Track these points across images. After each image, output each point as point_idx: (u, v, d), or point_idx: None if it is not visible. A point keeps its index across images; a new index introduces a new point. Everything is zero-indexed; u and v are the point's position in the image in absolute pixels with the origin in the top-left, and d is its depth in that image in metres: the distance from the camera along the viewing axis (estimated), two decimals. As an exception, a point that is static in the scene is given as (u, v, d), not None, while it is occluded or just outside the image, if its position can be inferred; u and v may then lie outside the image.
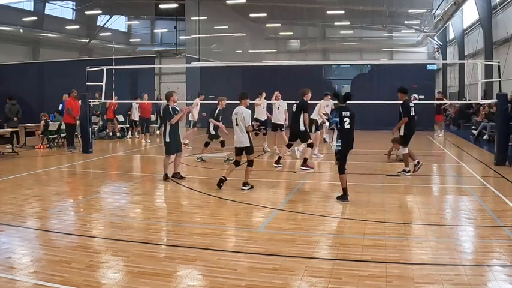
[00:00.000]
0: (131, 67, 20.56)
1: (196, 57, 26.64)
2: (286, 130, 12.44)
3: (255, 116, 12.88)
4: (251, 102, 9.42)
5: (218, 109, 11.58)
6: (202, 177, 9.98)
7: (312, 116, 12.16)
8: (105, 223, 6.32)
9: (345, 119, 7.32)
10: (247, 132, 8.13)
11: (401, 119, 9.63)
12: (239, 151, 8.28)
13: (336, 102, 8.03)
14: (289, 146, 11.09)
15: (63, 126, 14.73)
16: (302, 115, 10.52)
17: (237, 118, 8.15)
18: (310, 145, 10.85)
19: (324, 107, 12.82)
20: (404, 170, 9.87)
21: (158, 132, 19.42)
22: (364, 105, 15.45)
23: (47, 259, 4.73)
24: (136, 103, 18.07)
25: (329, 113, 9.69)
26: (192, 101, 15.70)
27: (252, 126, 8.40)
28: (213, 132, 11.71)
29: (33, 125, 15.43)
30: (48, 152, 13.96)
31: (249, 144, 8.17)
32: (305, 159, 10.54)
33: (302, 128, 10.55)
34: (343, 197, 7.32)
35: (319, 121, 12.76)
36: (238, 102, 8.39)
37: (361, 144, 12.04)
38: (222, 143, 11.69)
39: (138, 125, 18.70)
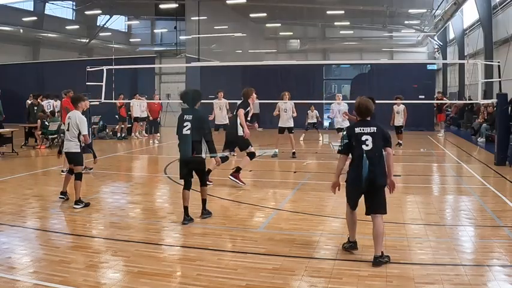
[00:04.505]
0: (131, 67, 20.58)
1: (196, 57, 26.63)
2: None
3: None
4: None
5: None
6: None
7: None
8: (105, 223, 6.31)
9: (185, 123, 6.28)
10: None
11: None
12: None
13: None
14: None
15: (63, 126, 14.71)
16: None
17: None
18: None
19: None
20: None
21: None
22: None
23: (47, 259, 4.73)
24: (148, 102, 18.10)
25: None
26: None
27: None
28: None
29: (32, 125, 15.41)
30: (48, 152, 13.96)
31: None
32: (238, 168, 8.68)
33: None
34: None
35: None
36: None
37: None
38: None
39: (142, 124, 18.75)
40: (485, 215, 6.60)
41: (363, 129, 4.88)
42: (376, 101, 12.30)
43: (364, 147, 4.81)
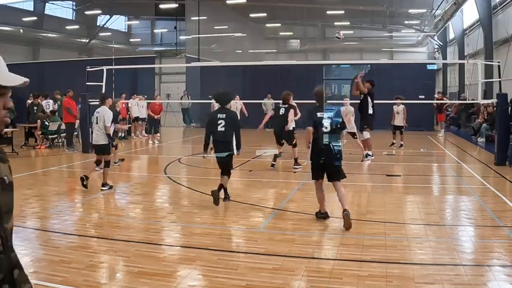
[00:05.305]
0: (131, 67, 20.58)
1: (196, 57, 26.63)
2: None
3: None
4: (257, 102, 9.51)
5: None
6: (202, 177, 9.98)
7: None
8: (105, 223, 6.32)
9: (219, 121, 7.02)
10: None
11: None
12: None
13: None
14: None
15: (63, 126, 14.74)
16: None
17: None
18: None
19: None
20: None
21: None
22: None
23: (47, 259, 4.73)
24: (149, 102, 18.11)
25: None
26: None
27: None
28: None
29: (32, 125, 15.42)
30: (48, 152, 13.96)
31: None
32: (296, 159, 10.59)
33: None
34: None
35: None
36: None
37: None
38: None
39: (141, 124, 18.78)
40: (485, 215, 6.60)
41: (323, 114, 6.07)
42: (376, 101, 12.18)
43: (323, 129, 5.99)
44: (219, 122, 6.99)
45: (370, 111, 10.88)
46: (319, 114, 6.08)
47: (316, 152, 6.00)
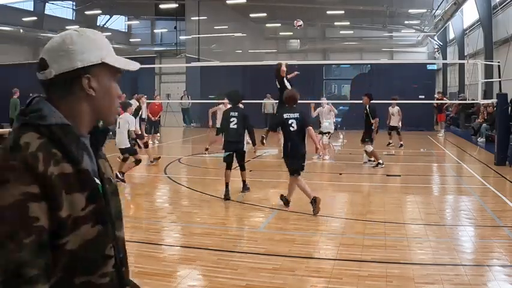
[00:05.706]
0: (131, 67, 20.55)
1: (196, 57, 26.62)
2: None
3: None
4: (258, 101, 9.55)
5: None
6: (202, 177, 9.98)
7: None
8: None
9: (231, 119, 7.56)
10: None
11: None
12: None
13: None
14: None
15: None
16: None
17: None
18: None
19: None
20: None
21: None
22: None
23: (47, 259, 4.72)
24: (149, 103, 18.06)
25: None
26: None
27: None
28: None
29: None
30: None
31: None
32: None
33: None
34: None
35: None
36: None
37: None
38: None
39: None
40: (485, 215, 6.60)
41: (290, 115, 6.59)
42: (375, 101, 12.28)
43: (291, 128, 6.56)
44: (231, 120, 7.49)
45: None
46: (285, 116, 6.64)
47: (293, 152, 6.61)
